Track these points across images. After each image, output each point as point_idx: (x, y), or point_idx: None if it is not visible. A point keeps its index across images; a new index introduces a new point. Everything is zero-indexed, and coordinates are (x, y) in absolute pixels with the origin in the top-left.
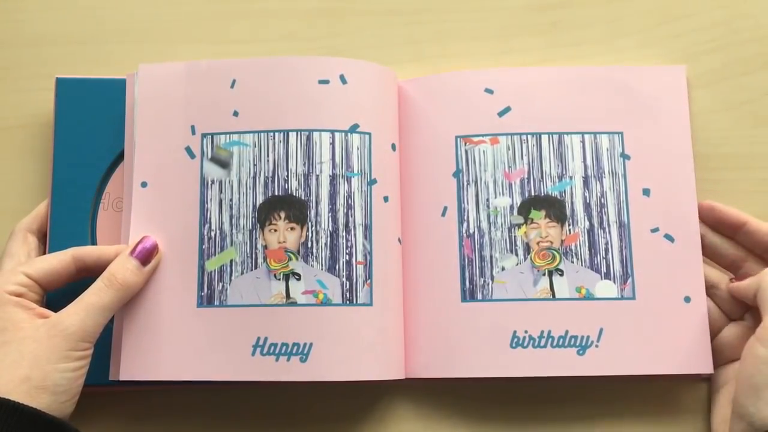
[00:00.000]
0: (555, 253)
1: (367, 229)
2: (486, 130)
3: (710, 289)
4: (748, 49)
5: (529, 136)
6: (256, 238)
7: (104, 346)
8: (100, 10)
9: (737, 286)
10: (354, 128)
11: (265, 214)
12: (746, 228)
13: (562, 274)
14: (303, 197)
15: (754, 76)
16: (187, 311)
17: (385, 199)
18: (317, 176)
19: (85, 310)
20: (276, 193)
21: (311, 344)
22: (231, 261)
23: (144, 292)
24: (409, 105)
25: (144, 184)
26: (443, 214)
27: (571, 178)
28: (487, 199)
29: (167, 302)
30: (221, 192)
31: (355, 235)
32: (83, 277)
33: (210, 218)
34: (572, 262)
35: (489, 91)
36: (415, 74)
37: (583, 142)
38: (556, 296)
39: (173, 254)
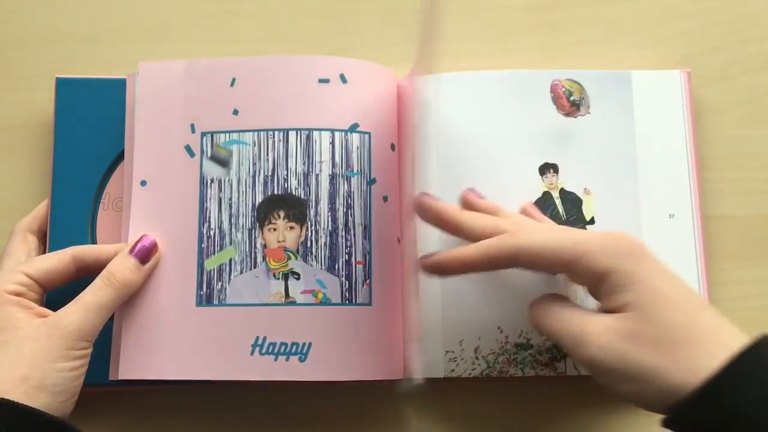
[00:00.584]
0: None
1: (367, 229)
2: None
3: None
4: (748, 49)
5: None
6: (255, 237)
7: (104, 345)
8: (100, 10)
9: None
10: (354, 128)
11: (264, 213)
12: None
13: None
14: (302, 196)
15: (754, 76)
16: (186, 310)
17: (385, 198)
18: (317, 175)
19: (84, 309)
20: (275, 192)
21: (310, 344)
22: (230, 260)
23: (143, 291)
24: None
25: (143, 183)
26: None
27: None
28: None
29: (166, 301)
30: (221, 191)
31: (354, 234)
32: (83, 276)
33: (209, 217)
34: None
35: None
36: None
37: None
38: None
39: (172, 253)
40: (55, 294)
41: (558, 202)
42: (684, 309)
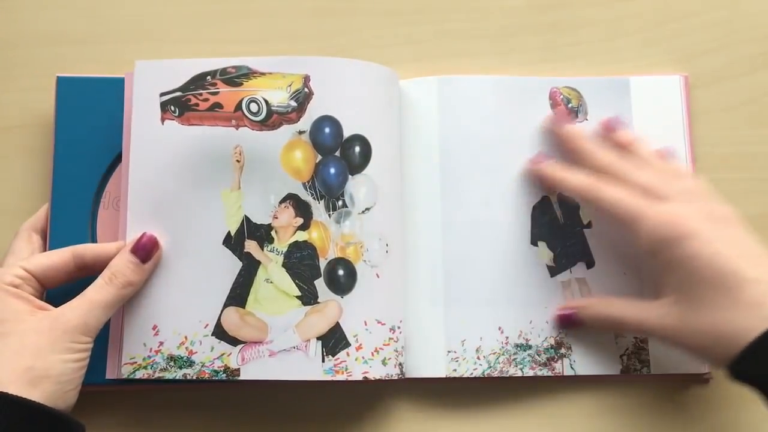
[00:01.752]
0: None
1: None
2: None
3: None
4: (748, 49)
5: None
6: None
7: (104, 344)
8: (100, 9)
9: None
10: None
11: None
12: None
13: None
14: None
15: (754, 76)
16: None
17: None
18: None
19: (86, 305)
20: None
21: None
22: None
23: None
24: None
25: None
26: None
27: None
28: None
29: None
30: None
31: None
32: (83, 276)
33: None
34: None
35: None
36: (415, 74)
37: None
38: None
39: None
40: (57, 295)
41: (556, 206)
42: (724, 288)
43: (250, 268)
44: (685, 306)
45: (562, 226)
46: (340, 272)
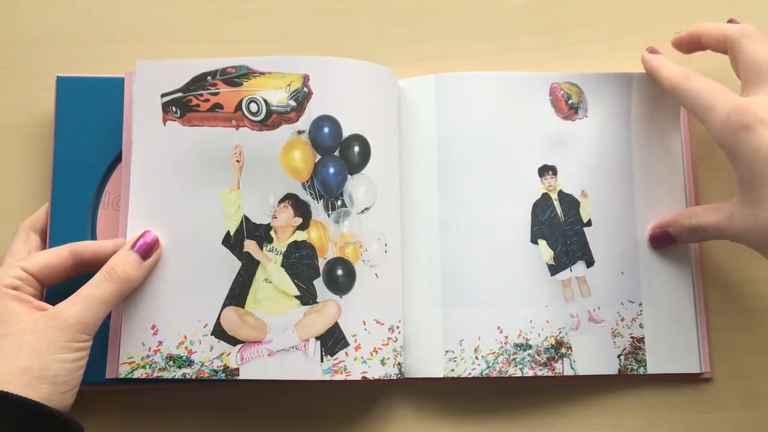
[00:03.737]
0: None
1: None
2: None
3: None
4: None
5: None
6: None
7: (103, 344)
8: (100, 9)
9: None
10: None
11: None
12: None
13: None
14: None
15: None
16: None
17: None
18: None
19: (84, 302)
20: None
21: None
22: None
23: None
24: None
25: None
26: None
27: None
28: None
29: None
30: None
31: None
32: (82, 272)
33: None
34: None
35: None
36: (415, 74)
37: None
38: None
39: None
40: (56, 294)
41: (556, 203)
42: None
43: (249, 268)
44: (746, 205)
45: (562, 224)
46: (339, 272)
